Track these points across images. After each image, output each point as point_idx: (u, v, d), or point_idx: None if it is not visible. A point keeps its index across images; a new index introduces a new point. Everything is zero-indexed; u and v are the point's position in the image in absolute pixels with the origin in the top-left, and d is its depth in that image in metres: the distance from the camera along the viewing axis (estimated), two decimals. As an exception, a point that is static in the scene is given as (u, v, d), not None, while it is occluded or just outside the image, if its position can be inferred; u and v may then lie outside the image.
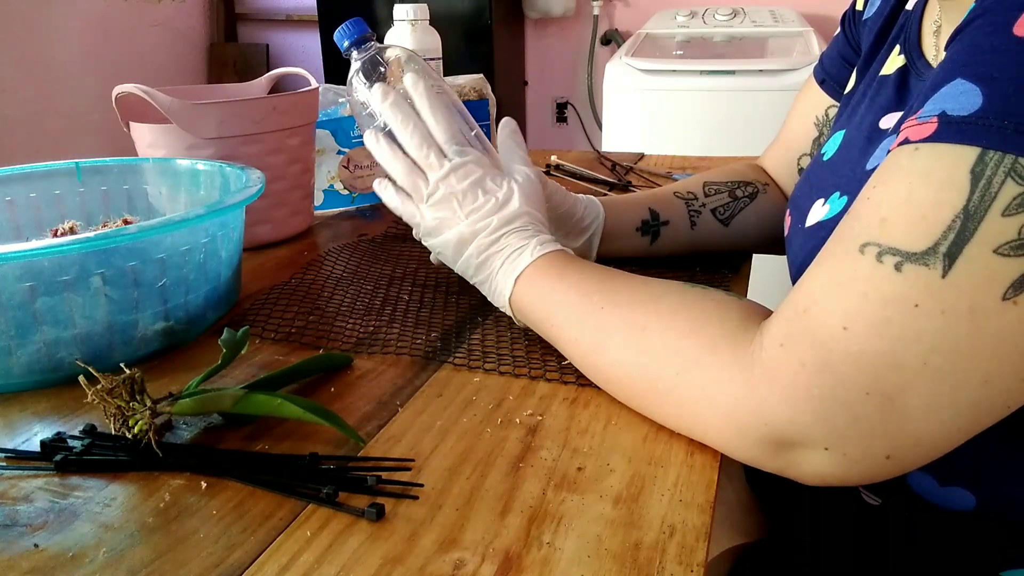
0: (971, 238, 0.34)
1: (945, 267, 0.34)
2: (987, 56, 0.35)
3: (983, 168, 0.34)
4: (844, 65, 0.68)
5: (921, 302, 0.35)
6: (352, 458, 0.43)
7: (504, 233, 0.54)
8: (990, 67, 0.35)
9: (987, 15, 0.37)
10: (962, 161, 0.34)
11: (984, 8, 0.37)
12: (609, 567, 0.34)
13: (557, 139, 2.90)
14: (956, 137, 0.35)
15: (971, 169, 0.34)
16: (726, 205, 0.71)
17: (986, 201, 0.33)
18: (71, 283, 0.50)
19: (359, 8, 2.53)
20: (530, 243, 0.53)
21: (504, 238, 0.54)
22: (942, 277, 0.34)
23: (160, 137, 0.74)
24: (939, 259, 0.34)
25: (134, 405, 0.43)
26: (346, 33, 0.60)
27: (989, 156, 0.34)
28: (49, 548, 0.36)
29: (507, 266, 0.53)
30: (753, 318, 0.43)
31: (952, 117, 0.35)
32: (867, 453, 0.37)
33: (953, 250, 0.34)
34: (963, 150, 0.34)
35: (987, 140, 0.34)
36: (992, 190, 0.33)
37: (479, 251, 0.54)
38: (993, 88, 0.34)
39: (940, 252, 0.34)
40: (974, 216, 0.34)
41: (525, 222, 0.54)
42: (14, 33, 2.32)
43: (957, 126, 0.35)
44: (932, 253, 0.34)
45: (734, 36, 2.17)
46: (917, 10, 0.55)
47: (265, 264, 0.75)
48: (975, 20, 0.37)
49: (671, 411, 0.44)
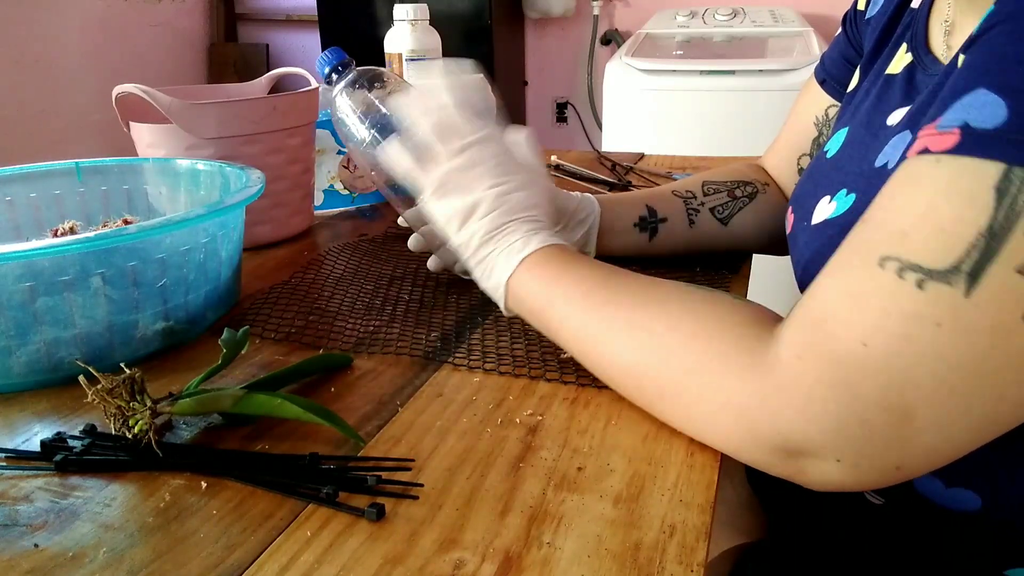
0: (995, 257, 0.33)
1: (968, 286, 0.34)
2: (1011, 66, 0.35)
3: (1008, 185, 0.33)
4: (845, 65, 0.68)
5: (943, 321, 0.34)
6: (352, 458, 0.43)
7: (518, 218, 0.52)
8: (1014, 78, 0.34)
9: (1009, 21, 0.36)
10: (986, 177, 0.34)
11: (1006, 14, 0.36)
12: (609, 567, 0.34)
13: (557, 139, 2.90)
14: (980, 151, 0.34)
15: (995, 186, 0.33)
16: (725, 204, 0.71)
17: (1011, 219, 0.33)
18: (71, 283, 0.50)
19: (359, 8, 2.53)
20: (540, 232, 0.52)
21: (517, 221, 0.52)
22: (965, 296, 0.34)
23: (160, 137, 0.74)
24: (962, 278, 0.34)
25: (134, 405, 0.43)
26: (326, 60, 0.64)
27: (1014, 173, 0.33)
28: (49, 548, 0.36)
29: (513, 247, 0.51)
30: (763, 323, 0.42)
31: (975, 130, 0.35)
32: (878, 464, 0.37)
33: (976, 269, 0.34)
34: (987, 165, 0.34)
35: (1012, 156, 0.33)
36: (1017, 208, 0.33)
37: (488, 226, 0.52)
38: (1018, 101, 0.34)
39: (963, 271, 0.34)
40: (998, 235, 0.33)
41: (539, 213, 0.54)
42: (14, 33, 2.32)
43: (981, 139, 0.34)
44: (955, 271, 0.34)
45: (734, 36, 2.17)
46: (924, 8, 0.55)
47: (265, 264, 0.75)
48: (996, 26, 0.37)
49: (677, 412, 0.44)
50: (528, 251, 0.51)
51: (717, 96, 1.87)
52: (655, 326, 0.45)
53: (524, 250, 0.51)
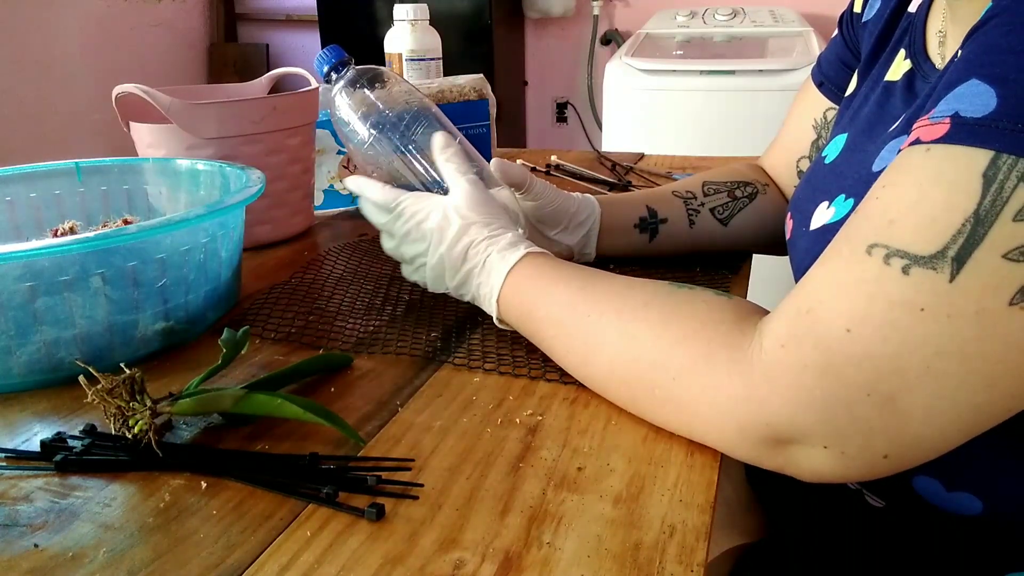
0: (981, 243, 0.33)
1: (953, 271, 0.34)
2: (1003, 57, 0.35)
3: (996, 172, 0.33)
4: (843, 68, 0.67)
5: (927, 306, 0.34)
6: (352, 458, 0.43)
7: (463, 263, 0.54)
8: (1006, 68, 0.35)
9: (1004, 14, 0.36)
10: (974, 164, 0.34)
11: (1001, 7, 0.37)
12: (609, 567, 0.34)
13: (557, 139, 2.90)
14: (969, 139, 0.34)
15: (983, 172, 0.34)
16: (725, 205, 0.71)
17: (997, 205, 0.33)
18: (71, 283, 0.50)
19: (359, 8, 2.53)
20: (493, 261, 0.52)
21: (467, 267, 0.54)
22: (949, 281, 0.34)
23: (160, 137, 0.74)
24: (947, 263, 0.34)
25: (134, 405, 0.43)
26: (325, 59, 0.63)
27: (1002, 160, 0.33)
28: (49, 548, 0.36)
29: (483, 288, 0.53)
30: (747, 318, 0.43)
31: (965, 119, 0.35)
32: (865, 452, 0.37)
33: (962, 254, 0.34)
34: (976, 153, 0.34)
35: (1001, 143, 0.33)
36: (1004, 194, 0.33)
37: (454, 282, 0.55)
38: (1008, 90, 0.34)
39: (949, 256, 0.34)
40: (984, 220, 0.33)
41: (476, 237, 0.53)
42: (14, 33, 2.32)
43: (970, 128, 0.35)
44: (941, 257, 0.34)
45: (734, 36, 2.17)
46: (921, 13, 0.55)
47: (265, 264, 0.75)
48: (991, 19, 0.37)
49: (669, 415, 0.44)
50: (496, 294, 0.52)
51: (717, 96, 1.87)
52: (639, 333, 0.45)
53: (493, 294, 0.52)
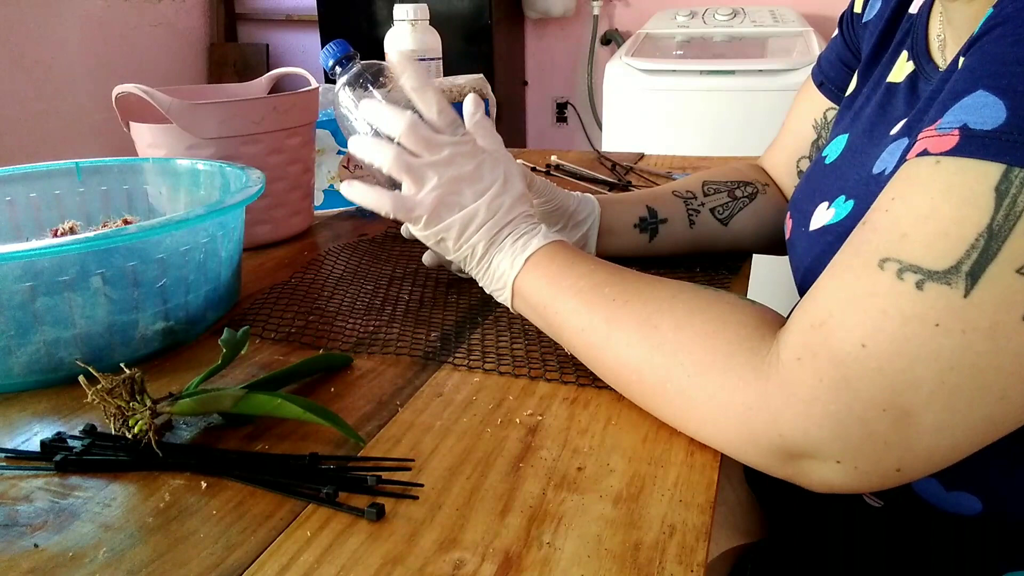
0: (995, 258, 0.33)
1: (967, 287, 0.34)
2: (1010, 68, 0.35)
3: (1008, 186, 0.33)
4: (843, 68, 0.67)
5: (942, 321, 0.34)
6: (352, 458, 0.43)
7: (516, 216, 0.53)
8: (1014, 80, 0.35)
9: (1008, 24, 0.36)
10: (986, 178, 0.34)
11: (1005, 16, 0.37)
12: (609, 567, 0.34)
13: (557, 139, 2.90)
14: (979, 152, 0.34)
15: (995, 187, 0.34)
16: (725, 205, 0.71)
17: (1011, 220, 0.33)
18: (71, 283, 0.50)
19: (359, 8, 2.53)
20: (541, 228, 0.53)
21: (515, 220, 0.53)
22: (964, 297, 0.34)
23: (160, 137, 0.74)
24: (961, 278, 0.34)
25: (134, 405, 0.43)
26: (331, 53, 0.64)
27: (1014, 173, 0.33)
28: (49, 548, 0.36)
29: (518, 245, 0.52)
30: (769, 325, 0.42)
31: (975, 131, 0.35)
32: (878, 466, 0.37)
33: (976, 270, 0.34)
34: (987, 166, 0.34)
35: (1012, 156, 0.33)
36: (1017, 209, 0.33)
37: (489, 231, 0.52)
38: (1017, 102, 0.34)
39: (963, 271, 0.34)
40: (998, 235, 0.33)
41: (529, 207, 0.54)
42: (14, 33, 2.32)
43: (980, 141, 0.34)
44: (954, 272, 0.34)
45: (734, 36, 2.17)
46: (922, 15, 0.55)
47: (265, 264, 0.75)
48: (995, 28, 0.37)
49: (678, 411, 0.44)
50: (533, 248, 0.51)
51: (717, 96, 1.87)
52: (661, 324, 0.44)
53: (529, 248, 0.51)
